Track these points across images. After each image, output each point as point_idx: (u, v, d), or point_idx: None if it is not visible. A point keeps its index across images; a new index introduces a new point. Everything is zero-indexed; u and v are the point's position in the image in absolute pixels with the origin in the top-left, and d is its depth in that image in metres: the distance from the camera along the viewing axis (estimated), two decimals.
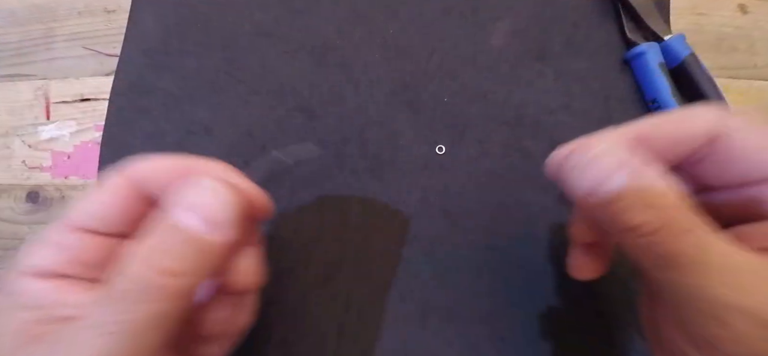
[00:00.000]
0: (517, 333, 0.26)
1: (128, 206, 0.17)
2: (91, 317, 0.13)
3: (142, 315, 0.13)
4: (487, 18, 0.32)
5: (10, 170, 0.32)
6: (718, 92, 0.28)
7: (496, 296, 0.27)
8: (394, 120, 0.30)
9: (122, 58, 0.31)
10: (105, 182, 0.17)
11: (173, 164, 0.17)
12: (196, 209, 0.15)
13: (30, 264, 0.15)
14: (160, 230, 0.15)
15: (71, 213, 0.16)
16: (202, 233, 0.15)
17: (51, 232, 0.16)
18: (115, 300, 0.13)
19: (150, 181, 0.17)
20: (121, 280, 0.14)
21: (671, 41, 0.29)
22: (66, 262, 0.16)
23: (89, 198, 0.17)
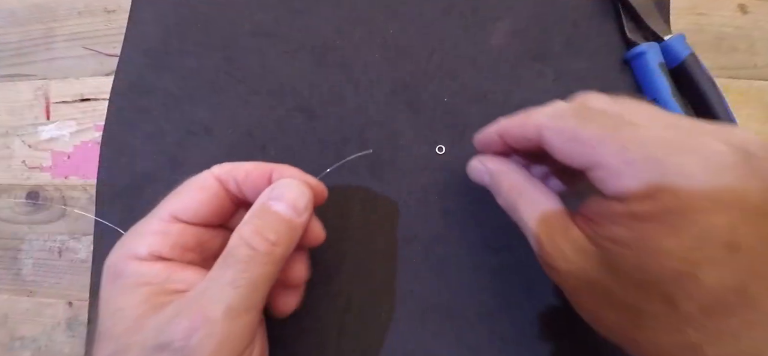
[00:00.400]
0: (517, 333, 0.26)
1: (217, 201, 0.21)
2: (220, 277, 0.18)
3: (258, 272, 0.18)
4: (487, 18, 0.32)
5: (10, 170, 0.32)
6: (718, 91, 0.28)
7: (496, 296, 0.27)
8: (394, 120, 0.30)
9: (122, 58, 0.31)
10: (197, 180, 0.21)
11: (254, 167, 0.22)
12: (286, 200, 0.20)
13: (139, 250, 0.19)
14: (263, 215, 0.20)
15: (171, 206, 0.20)
16: (290, 216, 0.20)
17: (152, 223, 0.20)
18: (239, 263, 0.18)
19: (235, 180, 0.21)
20: (241, 249, 0.18)
21: (671, 41, 0.29)
22: (169, 247, 0.20)
23: (185, 194, 0.21)
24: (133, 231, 0.20)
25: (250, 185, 0.22)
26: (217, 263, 0.19)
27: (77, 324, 0.29)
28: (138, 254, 0.19)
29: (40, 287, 0.30)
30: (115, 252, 0.20)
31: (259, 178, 0.22)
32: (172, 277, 0.19)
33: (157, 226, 0.20)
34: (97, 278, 0.28)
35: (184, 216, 0.20)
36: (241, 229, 0.19)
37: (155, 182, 0.29)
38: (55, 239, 0.31)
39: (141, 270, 0.19)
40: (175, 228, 0.20)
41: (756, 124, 0.32)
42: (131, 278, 0.18)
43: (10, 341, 0.30)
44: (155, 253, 0.19)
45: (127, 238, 0.20)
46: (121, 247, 0.20)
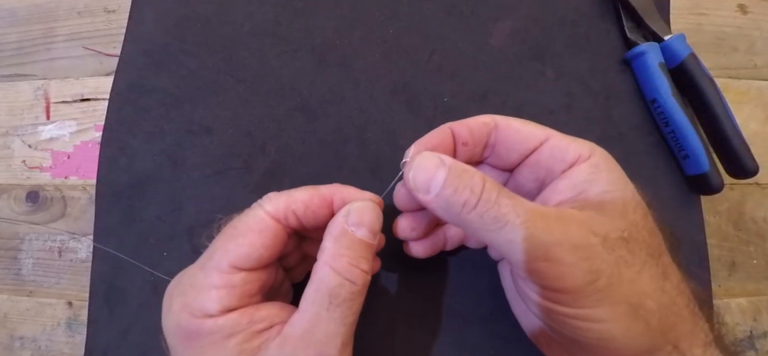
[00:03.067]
0: (517, 333, 0.26)
1: (278, 242, 0.20)
2: (327, 315, 0.18)
3: (360, 303, 0.19)
4: (487, 18, 0.32)
5: (10, 170, 0.32)
6: (718, 91, 0.28)
7: (496, 296, 0.27)
8: (394, 120, 0.30)
9: (122, 58, 0.31)
10: (252, 222, 0.20)
11: (310, 196, 0.21)
12: (366, 225, 0.20)
13: (208, 307, 0.18)
14: (351, 245, 0.19)
15: (229, 255, 0.19)
16: (372, 242, 0.20)
17: (212, 276, 0.19)
18: (346, 301, 0.18)
19: (295, 215, 0.20)
20: (344, 287, 0.18)
21: (671, 41, 0.29)
22: (237, 299, 0.19)
23: (242, 239, 0.19)
24: (191, 286, 0.19)
25: (311, 216, 0.21)
26: (314, 300, 0.18)
27: (77, 324, 0.29)
28: (209, 312, 0.18)
29: (40, 287, 0.30)
30: (176, 311, 0.19)
31: (320, 207, 0.21)
32: (253, 319, 0.19)
33: (218, 280, 0.19)
34: (96, 278, 0.28)
35: (246, 265, 0.19)
36: (334, 263, 0.19)
37: (155, 182, 0.29)
38: (55, 239, 0.31)
39: (220, 323, 0.18)
40: (239, 278, 0.19)
41: (756, 124, 0.32)
42: (215, 335, 0.18)
43: (10, 341, 0.30)
44: (226, 308, 0.18)
45: (185, 294, 0.19)
46: (182, 305, 0.19)
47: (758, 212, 0.31)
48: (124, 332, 0.27)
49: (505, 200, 0.18)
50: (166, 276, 0.28)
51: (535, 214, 0.17)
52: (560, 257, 0.17)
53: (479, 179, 0.18)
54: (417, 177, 0.19)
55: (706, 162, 0.27)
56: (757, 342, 0.29)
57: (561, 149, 0.20)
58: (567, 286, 0.17)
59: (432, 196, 0.19)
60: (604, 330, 0.17)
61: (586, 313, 0.17)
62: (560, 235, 0.17)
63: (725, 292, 0.30)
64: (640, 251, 0.18)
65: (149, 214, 0.29)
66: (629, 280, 0.17)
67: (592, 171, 0.19)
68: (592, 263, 0.17)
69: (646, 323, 0.17)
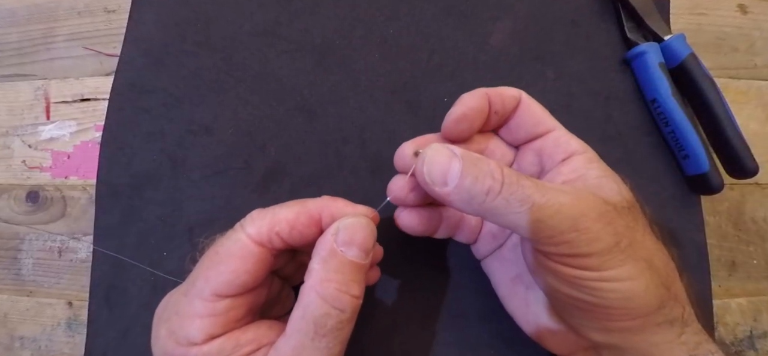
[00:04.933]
0: (517, 333, 0.26)
1: (262, 266, 0.19)
2: (312, 342, 0.17)
3: (349, 330, 0.18)
4: (487, 18, 0.32)
5: (10, 170, 0.32)
6: (718, 91, 0.28)
7: (496, 296, 0.27)
8: (394, 120, 0.30)
9: (122, 58, 0.31)
10: (233, 248, 0.19)
11: (296, 215, 0.19)
12: (357, 245, 0.19)
13: (192, 336, 0.18)
14: (341, 268, 0.18)
15: (211, 283, 0.18)
16: (364, 262, 0.19)
17: (195, 304, 0.18)
18: (333, 330, 0.18)
19: (279, 237, 0.19)
20: (332, 316, 0.18)
21: (671, 41, 0.29)
22: (221, 326, 0.18)
23: (223, 266, 0.18)
24: (176, 313, 0.19)
25: (298, 236, 0.20)
26: (299, 326, 0.18)
27: (77, 324, 0.29)
28: (193, 340, 0.18)
29: (40, 287, 0.30)
30: (163, 338, 0.19)
31: (307, 226, 0.20)
32: (239, 343, 0.18)
33: (201, 308, 0.18)
34: (96, 278, 0.28)
35: (229, 292, 0.18)
36: (321, 288, 0.18)
37: (155, 182, 0.29)
38: (55, 239, 0.31)
39: (205, 350, 0.18)
40: (222, 306, 0.18)
41: (756, 124, 0.32)
42: None
43: (10, 341, 0.30)
44: (210, 335, 0.18)
45: (170, 321, 0.19)
46: (167, 332, 0.19)
47: (758, 212, 0.31)
48: (124, 332, 0.27)
49: (526, 182, 0.18)
50: (167, 276, 0.28)
51: (556, 191, 0.18)
52: (587, 226, 0.18)
53: (495, 165, 0.18)
54: (432, 171, 0.19)
55: (706, 162, 0.27)
56: (757, 342, 0.29)
57: (564, 141, 0.22)
58: (595, 250, 0.18)
59: (450, 188, 0.18)
60: (628, 288, 0.18)
61: (612, 274, 0.18)
62: (584, 207, 0.18)
63: (725, 292, 0.30)
64: (640, 217, 0.20)
65: (149, 214, 0.29)
66: (640, 241, 0.19)
67: (588, 161, 0.22)
68: (615, 228, 0.18)
69: (659, 277, 0.19)
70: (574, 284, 0.19)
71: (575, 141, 0.22)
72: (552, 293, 0.21)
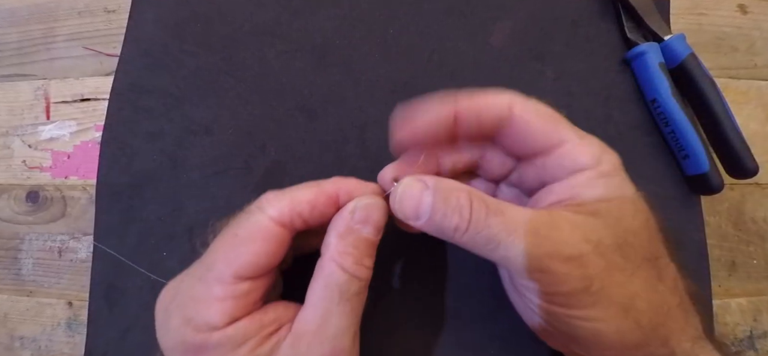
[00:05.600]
0: (517, 333, 0.26)
1: (283, 246, 0.19)
2: (337, 309, 0.18)
3: (365, 296, 0.20)
4: (487, 18, 0.32)
5: (10, 170, 0.32)
6: (718, 91, 0.28)
7: (496, 296, 0.27)
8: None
9: (122, 58, 0.31)
10: (255, 229, 0.19)
11: (315, 195, 0.20)
12: (372, 223, 0.20)
13: (213, 320, 0.18)
14: (358, 243, 0.19)
15: (232, 265, 0.18)
16: (375, 238, 0.20)
17: (213, 288, 0.18)
18: (354, 296, 0.19)
19: (301, 218, 0.19)
20: (353, 283, 0.19)
21: (671, 41, 0.29)
22: (243, 308, 0.18)
23: (245, 248, 0.18)
24: (191, 298, 0.18)
25: (318, 216, 0.20)
26: (323, 294, 0.19)
27: (77, 324, 0.29)
28: (214, 325, 0.18)
29: (40, 287, 0.30)
30: (177, 327, 0.18)
31: (326, 206, 0.20)
32: (263, 324, 0.18)
33: (221, 291, 0.18)
34: (97, 278, 0.28)
35: (250, 274, 0.18)
36: (342, 260, 0.19)
37: (155, 182, 0.29)
38: (55, 239, 0.31)
39: (229, 334, 0.18)
40: (243, 288, 0.18)
41: (756, 124, 0.32)
42: (225, 346, 0.18)
43: (10, 341, 0.30)
44: (233, 318, 0.18)
45: (185, 307, 0.18)
46: (183, 320, 0.18)
47: (758, 212, 0.31)
48: (124, 332, 0.27)
49: (494, 220, 0.18)
50: (167, 276, 0.28)
51: (527, 228, 0.18)
52: (554, 268, 0.17)
53: (466, 200, 0.18)
54: (404, 207, 0.19)
55: (706, 162, 0.27)
56: (757, 342, 0.29)
57: (571, 158, 0.19)
58: (562, 291, 0.18)
59: (422, 222, 0.19)
60: (596, 328, 0.18)
61: (580, 313, 0.18)
62: (552, 247, 0.17)
63: (725, 292, 0.30)
64: (635, 255, 0.18)
65: (149, 214, 0.29)
66: (620, 283, 0.18)
67: (595, 178, 0.19)
68: (585, 271, 0.17)
69: (637, 322, 0.18)
70: (547, 314, 0.19)
71: (587, 155, 0.19)
72: (530, 314, 0.21)
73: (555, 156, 0.20)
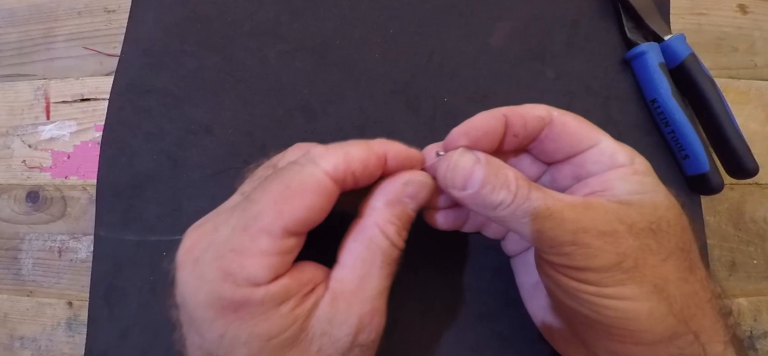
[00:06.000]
0: (517, 333, 0.26)
1: (329, 202, 0.18)
2: (376, 271, 0.19)
3: (397, 264, 0.20)
4: (487, 18, 0.32)
5: (10, 170, 0.32)
6: (718, 91, 0.28)
7: (496, 296, 0.27)
8: (394, 120, 0.30)
9: (122, 58, 0.31)
10: (309, 183, 0.18)
11: (366, 155, 0.19)
12: (418, 201, 0.20)
13: (256, 276, 0.17)
14: (402, 215, 0.20)
15: (282, 218, 0.17)
16: (414, 215, 0.20)
17: (260, 240, 0.17)
18: (391, 261, 0.19)
19: (350, 175, 0.19)
20: (392, 249, 0.19)
21: (671, 41, 0.29)
22: (286, 264, 0.18)
23: (298, 201, 0.17)
24: (232, 250, 0.17)
25: (368, 177, 0.19)
26: (365, 256, 0.19)
27: (77, 324, 0.29)
28: (258, 280, 0.17)
29: (40, 287, 0.30)
30: (214, 280, 0.17)
31: (376, 167, 0.19)
32: (302, 281, 0.18)
33: (269, 245, 0.17)
34: (97, 278, 0.28)
35: (301, 229, 0.18)
36: (386, 228, 0.19)
37: (155, 182, 0.29)
38: (55, 239, 0.31)
39: (272, 291, 0.17)
40: (290, 243, 0.18)
41: (756, 124, 0.32)
42: (267, 304, 0.17)
43: (10, 341, 0.30)
44: (278, 274, 0.17)
45: (224, 259, 0.17)
46: (222, 274, 0.17)
47: (758, 212, 0.31)
48: (124, 332, 0.27)
49: (535, 194, 0.18)
50: (167, 276, 0.28)
51: (564, 204, 0.18)
52: (588, 241, 0.18)
53: (512, 176, 0.19)
54: (455, 175, 0.19)
55: (706, 162, 0.27)
56: (757, 342, 0.29)
57: (608, 154, 0.20)
58: (593, 265, 0.18)
59: (467, 193, 0.19)
60: (628, 308, 0.18)
61: (611, 291, 0.18)
62: (588, 222, 0.18)
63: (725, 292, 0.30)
64: (668, 242, 0.18)
65: (149, 214, 0.29)
66: (653, 265, 0.18)
67: (629, 174, 0.20)
68: (618, 247, 0.18)
69: (669, 306, 0.18)
70: (573, 295, 0.19)
71: (623, 153, 0.20)
72: (557, 303, 0.21)
73: (593, 153, 0.21)
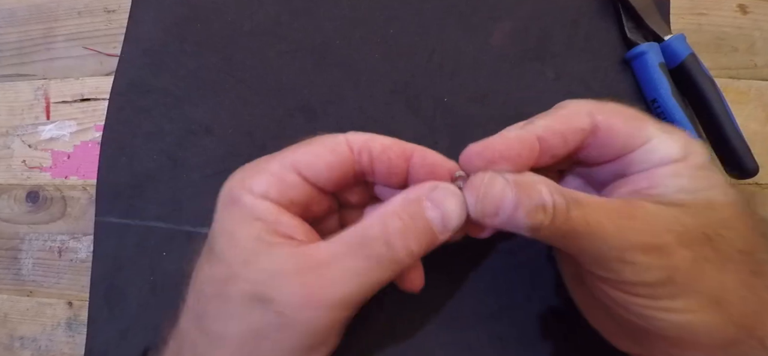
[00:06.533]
0: (517, 333, 0.26)
1: (343, 169, 0.20)
2: (348, 261, 0.17)
3: (385, 276, 0.18)
4: (487, 18, 0.32)
5: (10, 170, 0.32)
6: (718, 91, 0.28)
7: (496, 296, 0.27)
8: (394, 120, 0.30)
9: (122, 58, 0.31)
10: (329, 141, 0.20)
11: (392, 143, 0.20)
12: (443, 210, 0.18)
13: (254, 185, 0.19)
14: (414, 217, 0.18)
15: (296, 157, 0.19)
16: (438, 231, 0.18)
17: (272, 164, 0.20)
18: (372, 258, 0.17)
19: (369, 153, 0.20)
20: (380, 245, 0.17)
21: (671, 41, 0.29)
22: (282, 194, 0.19)
23: (313, 151, 0.20)
24: (253, 167, 0.20)
25: (385, 162, 0.19)
26: (346, 239, 0.18)
27: (77, 324, 0.29)
28: (252, 189, 0.19)
29: (40, 287, 0.30)
30: (234, 179, 0.20)
31: (397, 157, 0.19)
32: (281, 219, 0.19)
33: (276, 169, 0.19)
34: (96, 278, 0.28)
35: (306, 173, 0.19)
36: (387, 220, 0.18)
37: (155, 182, 0.29)
38: (55, 239, 0.31)
39: (255, 203, 0.19)
40: (293, 180, 0.19)
41: (756, 124, 0.32)
42: (246, 209, 0.19)
43: (10, 341, 0.30)
44: (266, 195, 0.19)
45: (247, 169, 0.20)
46: (241, 176, 0.20)
47: (759, 213, 0.31)
48: (124, 332, 0.27)
49: (574, 213, 0.17)
50: (166, 276, 0.28)
51: (604, 214, 0.17)
52: (634, 259, 0.17)
53: (548, 195, 0.17)
54: (485, 205, 0.18)
55: None
56: None
57: (660, 151, 0.19)
58: (642, 280, 0.17)
59: (500, 219, 0.18)
60: (682, 320, 0.17)
61: (664, 304, 0.17)
62: (632, 235, 0.17)
63: None
64: (728, 247, 0.17)
65: (149, 214, 0.29)
66: (711, 276, 0.17)
67: (683, 169, 0.18)
68: (667, 261, 0.17)
69: (728, 315, 0.17)
70: (623, 306, 0.18)
71: (676, 147, 0.18)
72: (607, 306, 0.20)
73: (642, 152, 0.19)
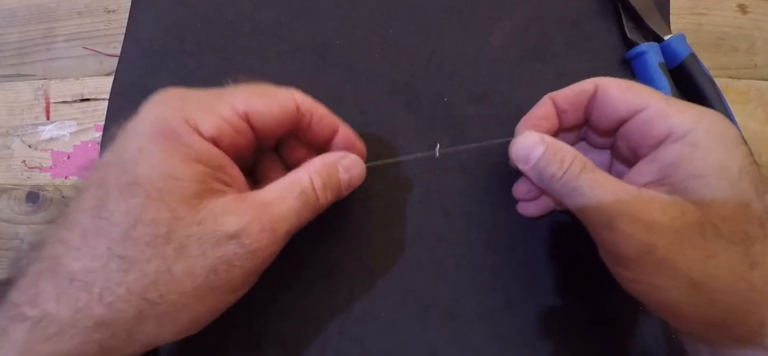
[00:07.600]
0: (517, 333, 0.26)
1: (286, 126, 0.22)
2: (290, 203, 0.20)
3: (311, 216, 0.21)
4: (487, 18, 0.32)
5: (10, 170, 0.32)
6: (718, 91, 0.28)
7: (496, 296, 0.27)
8: (394, 120, 0.30)
9: (122, 58, 0.31)
10: (278, 95, 0.22)
11: (327, 114, 0.23)
12: (350, 175, 0.23)
13: (203, 126, 0.19)
14: (334, 175, 0.22)
15: (248, 103, 0.20)
16: (344, 188, 0.23)
17: (223, 107, 0.20)
18: (308, 202, 0.21)
19: (311, 116, 0.23)
20: (311, 192, 0.21)
21: (671, 41, 0.29)
22: (231, 142, 0.20)
23: (264, 101, 0.21)
24: (197, 101, 0.20)
25: (320, 128, 0.23)
26: (284, 186, 0.20)
27: None
28: (203, 131, 0.19)
29: None
30: (167, 109, 0.19)
31: (329, 127, 0.24)
32: (224, 168, 0.20)
33: (227, 113, 0.20)
34: None
35: (256, 123, 0.21)
36: (315, 174, 0.21)
37: None
38: None
39: (202, 147, 0.19)
40: (243, 128, 0.20)
41: (756, 124, 0.32)
42: (191, 149, 0.18)
43: None
44: (215, 140, 0.19)
45: (187, 102, 0.19)
46: (178, 108, 0.19)
47: None
48: None
49: (585, 175, 0.20)
50: None
51: (607, 189, 0.19)
52: (620, 227, 0.19)
53: (569, 156, 0.21)
54: (518, 151, 0.23)
55: None
56: None
57: (657, 122, 0.20)
58: (624, 253, 0.19)
59: (529, 166, 0.22)
60: (661, 297, 0.19)
61: (641, 278, 0.19)
62: (623, 208, 0.19)
63: None
64: (720, 238, 0.18)
65: None
66: (693, 259, 0.18)
67: (683, 152, 0.19)
68: (650, 237, 0.18)
69: (711, 301, 0.18)
70: (616, 276, 0.20)
71: (678, 118, 0.20)
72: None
73: (636, 121, 0.21)
